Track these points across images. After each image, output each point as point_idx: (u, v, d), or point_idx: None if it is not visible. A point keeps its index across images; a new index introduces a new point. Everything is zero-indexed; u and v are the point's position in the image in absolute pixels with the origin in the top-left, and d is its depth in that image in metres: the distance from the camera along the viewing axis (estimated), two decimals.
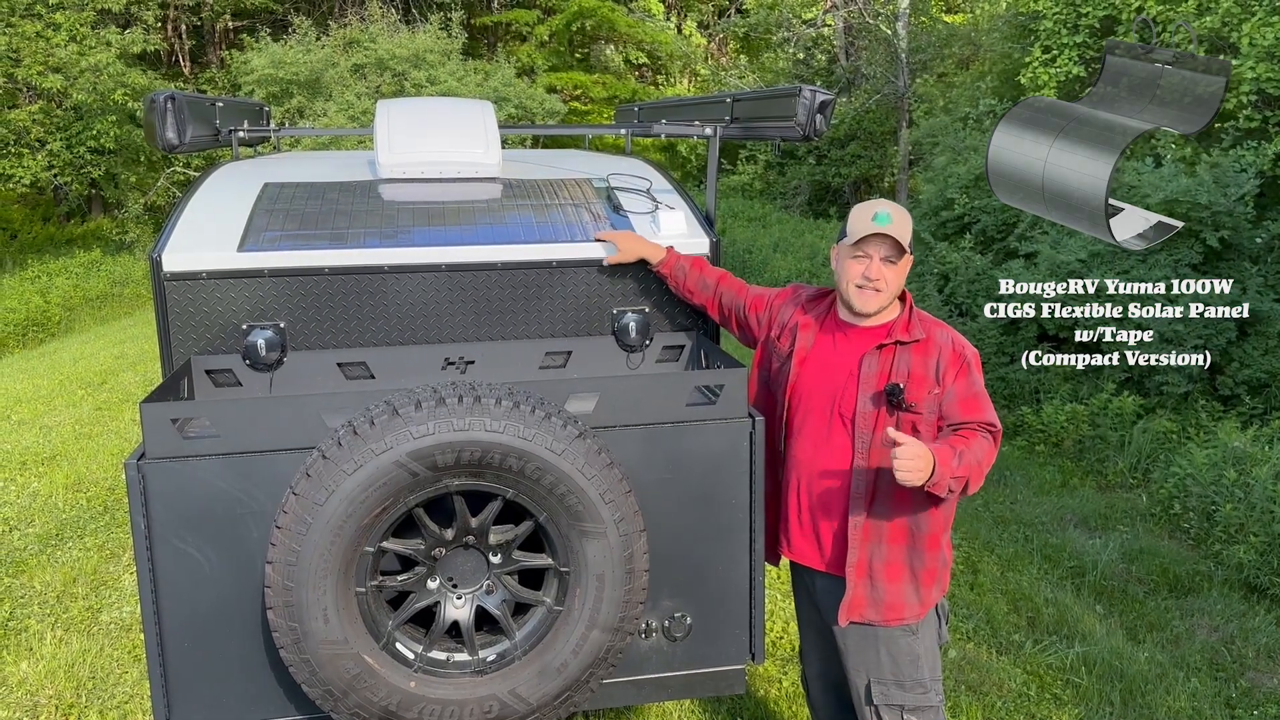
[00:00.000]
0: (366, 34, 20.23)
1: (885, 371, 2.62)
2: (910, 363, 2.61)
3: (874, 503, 2.64)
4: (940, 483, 2.40)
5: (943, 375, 2.59)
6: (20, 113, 15.29)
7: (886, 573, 2.66)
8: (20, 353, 11.85)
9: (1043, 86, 10.85)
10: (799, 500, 2.77)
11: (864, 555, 2.66)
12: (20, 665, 4.34)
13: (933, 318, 2.72)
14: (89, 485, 6.68)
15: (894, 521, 2.64)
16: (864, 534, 2.65)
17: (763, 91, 3.20)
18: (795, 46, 22.89)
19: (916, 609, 2.69)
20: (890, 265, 2.62)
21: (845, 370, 2.68)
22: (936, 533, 2.67)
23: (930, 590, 2.70)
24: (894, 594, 2.67)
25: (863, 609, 2.68)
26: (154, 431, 2.30)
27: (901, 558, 2.66)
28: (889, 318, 2.70)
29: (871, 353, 2.65)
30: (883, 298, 2.64)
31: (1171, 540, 5.70)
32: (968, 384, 2.59)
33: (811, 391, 2.73)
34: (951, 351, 2.61)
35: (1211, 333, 7.01)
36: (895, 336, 2.63)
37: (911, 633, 2.70)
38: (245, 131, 3.78)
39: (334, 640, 2.27)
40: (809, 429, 2.73)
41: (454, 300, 2.97)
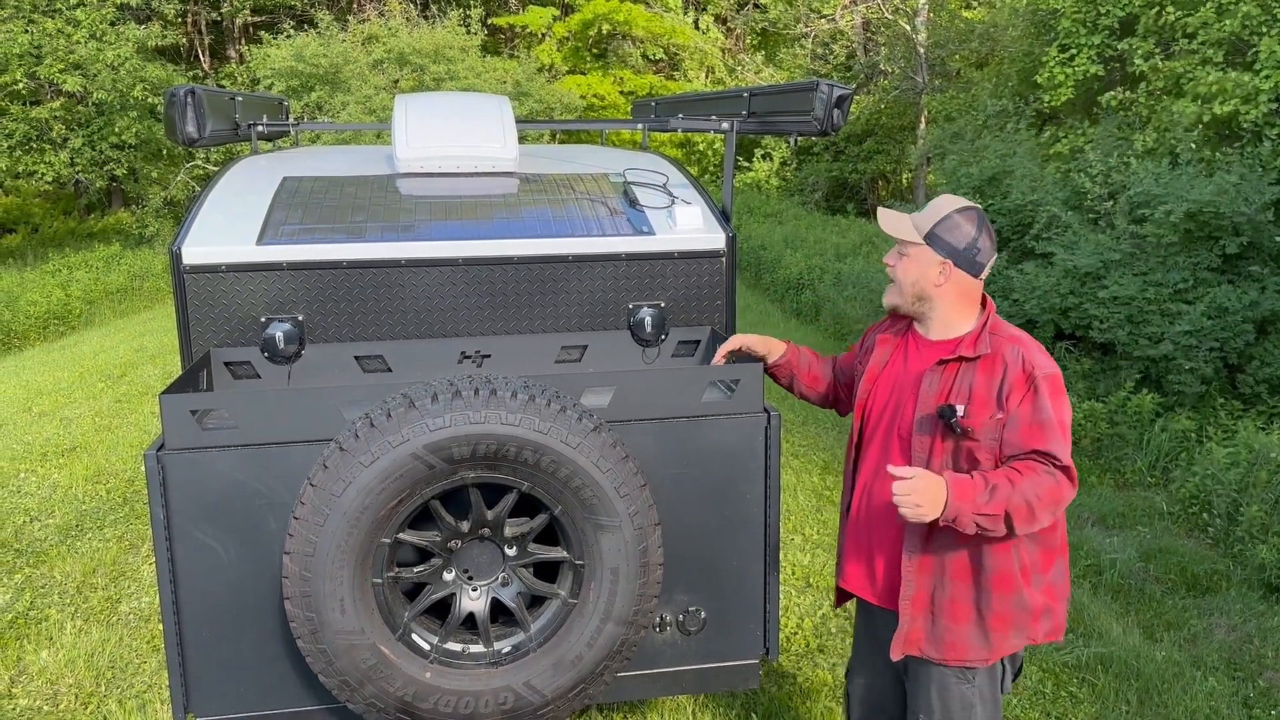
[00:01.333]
0: (386, 29, 20.30)
1: (945, 390, 2.39)
2: (974, 382, 2.35)
3: (933, 534, 2.40)
4: (961, 519, 2.21)
5: (1006, 398, 2.32)
6: (42, 109, 15.41)
7: (949, 610, 2.44)
8: (41, 345, 11.96)
9: (1060, 85, 10.78)
10: (858, 527, 2.61)
11: (923, 590, 2.45)
12: (41, 654, 4.39)
13: (1014, 331, 2.44)
14: (109, 477, 6.73)
15: (956, 557, 2.41)
16: (920, 567, 2.44)
17: (780, 86, 3.20)
18: (813, 42, 22.83)
19: (984, 653, 2.45)
20: (902, 256, 2.50)
21: (908, 387, 2.48)
22: (1008, 572, 2.39)
23: (1003, 636, 2.44)
24: (957, 634, 2.45)
25: (920, 643, 2.49)
26: (173, 423, 2.32)
27: (966, 596, 2.43)
28: (962, 330, 2.46)
29: (933, 369, 2.42)
30: (894, 291, 2.52)
31: (1190, 539, 5.67)
32: (1033, 409, 2.29)
33: (879, 411, 2.56)
34: (1019, 371, 2.32)
35: (1229, 334, 6.96)
36: (960, 351, 2.40)
37: (967, 679, 2.48)
38: (264, 126, 3.81)
39: (350, 631, 2.28)
40: (873, 450, 2.56)
41: (470, 294, 2.98)
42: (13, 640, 4.52)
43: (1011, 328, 2.45)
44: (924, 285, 2.47)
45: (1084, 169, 8.90)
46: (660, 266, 3.07)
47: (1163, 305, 7.24)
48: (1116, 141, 9.61)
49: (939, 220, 2.44)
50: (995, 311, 2.47)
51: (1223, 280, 7.31)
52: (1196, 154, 8.29)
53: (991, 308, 2.48)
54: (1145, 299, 7.30)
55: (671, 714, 3.82)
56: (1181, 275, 7.33)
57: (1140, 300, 7.32)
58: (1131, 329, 7.33)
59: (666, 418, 2.57)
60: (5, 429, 7.95)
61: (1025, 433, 2.28)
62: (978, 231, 2.44)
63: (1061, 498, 2.25)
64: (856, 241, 15.05)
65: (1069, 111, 11.49)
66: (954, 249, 2.43)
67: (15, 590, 5.04)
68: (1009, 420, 2.30)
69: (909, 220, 2.49)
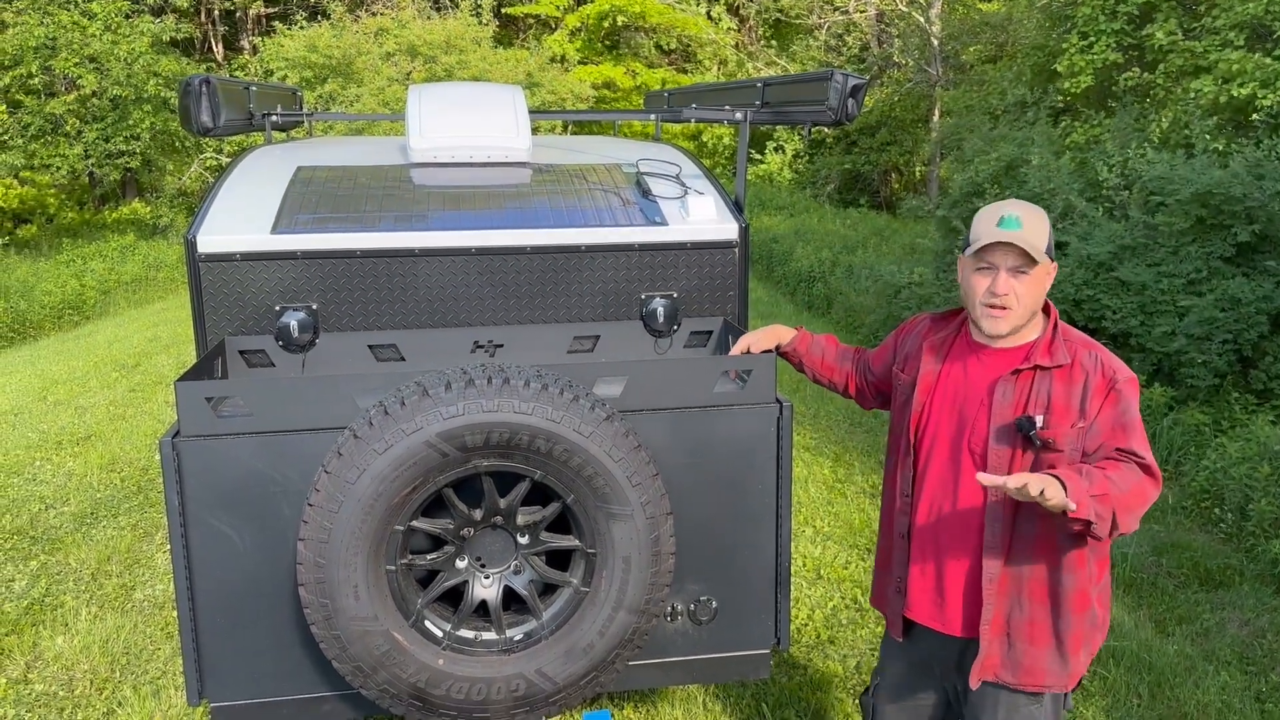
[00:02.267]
0: (397, 21, 20.32)
1: (1021, 401, 2.27)
2: (1052, 391, 2.25)
3: (1012, 553, 2.31)
4: (1083, 503, 2.02)
5: (1088, 405, 2.23)
6: (57, 102, 15.47)
7: (1028, 633, 2.35)
8: (56, 335, 12.03)
9: (1079, 73, 10.72)
10: (924, 549, 2.45)
11: (1000, 613, 2.35)
12: (56, 640, 4.43)
13: (1083, 336, 2.35)
14: (123, 465, 6.78)
15: (1035, 577, 2.32)
16: (1000, 588, 2.33)
17: (794, 76, 3.19)
18: (826, 34, 22.75)
19: (1062, 678, 2.37)
20: (1021, 276, 2.25)
21: (976, 399, 2.34)
22: (1084, 588, 2.32)
23: (1078, 657, 2.37)
24: (1034, 658, 2.35)
25: (997, 670, 2.39)
26: (189, 410, 2.34)
27: (1045, 619, 2.34)
28: (1029, 337, 2.34)
29: (1006, 378, 2.30)
30: (1014, 316, 2.27)
31: (1203, 534, 5.64)
32: (1117, 413, 2.21)
33: (940, 424, 2.41)
34: (1100, 377, 2.24)
35: (1242, 326, 6.91)
36: (1035, 360, 2.28)
37: (1037, 701, 2.40)
38: (279, 116, 3.82)
39: (364, 617, 2.30)
40: (935, 467, 2.41)
41: (483, 284, 2.99)
42: (29, 626, 4.56)
43: (1077, 332, 2.37)
44: (1042, 298, 2.33)
45: (1100, 158, 8.85)
46: (673, 257, 3.07)
47: (1175, 296, 7.19)
48: (1133, 133, 9.56)
49: (1050, 231, 2.30)
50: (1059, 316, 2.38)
51: (1236, 272, 7.27)
52: (1211, 143, 8.23)
53: (1056, 313, 2.37)
54: (1159, 289, 7.26)
55: (682, 703, 3.83)
56: (1194, 265, 7.28)
57: (1154, 290, 7.28)
58: (1144, 319, 7.29)
59: (679, 408, 2.57)
60: (21, 417, 8.01)
61: (1109, 434, 2.21)
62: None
63: (1149, 495, 2.17)
64: (867, 234, 15.02)
65: (1085, 103, 11.43)
66: (1054, 251, 2.32)
67: (31, 577, 5.08)
68: (1090, 427, 2.23)
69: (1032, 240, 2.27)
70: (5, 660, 4.27)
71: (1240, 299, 6.92)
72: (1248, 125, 8.68)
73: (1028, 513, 2.26)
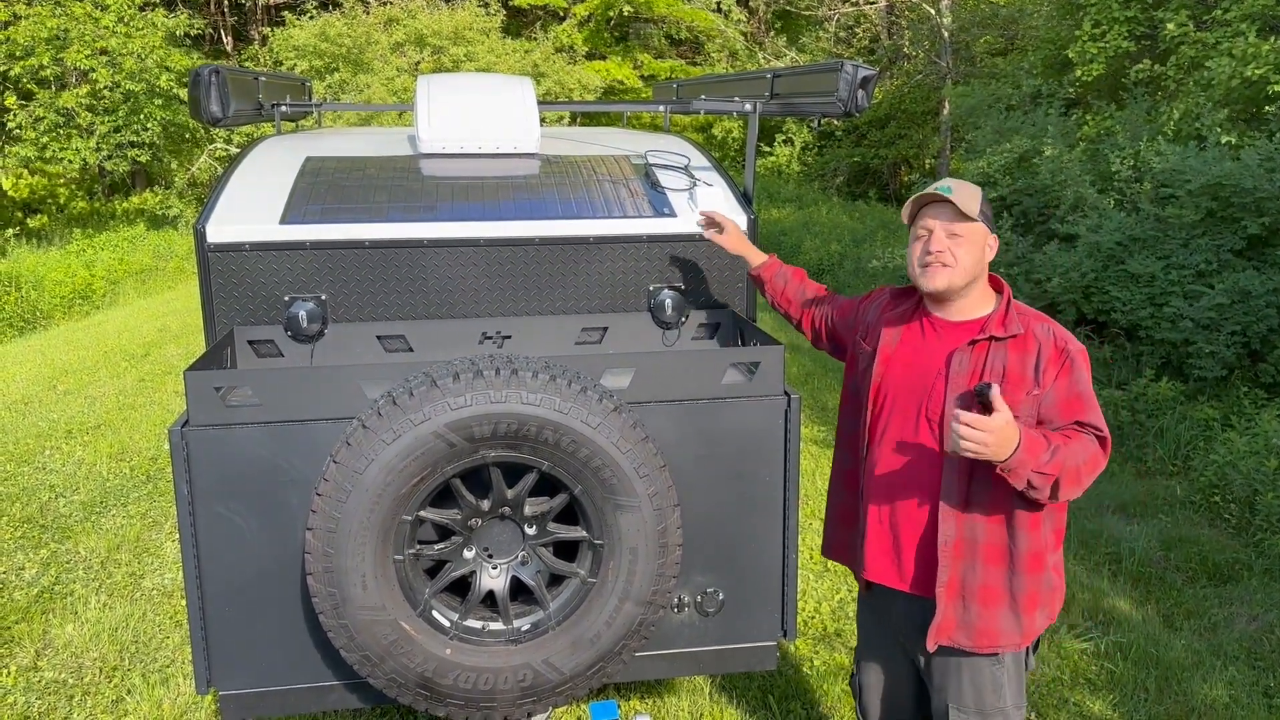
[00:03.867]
0: (406, 11, 20.31)
1: (977, 370, 2.37)
2: (1006, 360, 2.36)
3: (966, 515, 2.40)
4: (1018, 471, 2.16)
5: (1043, 374, 2.33)
6: (68, 95, 15.49)
7: (981, 595, 2.42)
8: (65, 324, 12.07)
9: (1091, 60, 10.67)
10: (879, 512, 2.54)
11: (955, 574, 2.42)
12: (66, 628, 4.45)
13: (1035, 311, 2.46)
14: (132, 454, 6.81)
15: (990, 539, 2.40)
16: (955, 551, 2.41)
17: (804, 67, 3.18)
18: (836, 25, 22.66)
19: (1016, 638, 2.45)
20: (956, 238, 2.38)
21: (933, 369, 2.44)
22: (1039, 551, 2.41)
23: (1033, 618, 2.44)
24: (989, 619, 2.43)
25: (951, 632, 2.46)
26: (198, 399, 2.35)
27: (999, 580, 2.41)
28: (983, 311, 2.45)
29: (962, 349, 2.40)
30: (952, 274, 2.38)
31: (1211, 528, 5.63)
32: (1070, 382, 2.32)
33: (897, 392, 2.50)
34: (1053, 347, 2.34)
35: (1252, 318, 6.88)
36: (989, 332, 2.38)
37: (999, 661, 2.48)
38: (288, 106, 3.82)
39: (372, 606, 2.31)
40: (892, 433, 2.51)
41: (492, 275, 2.99)
42: (38, 614, 4.59)
43: (1031, 308, 2.47)
44: (983, 264, 2.45)
45: (1112, 150, 8.81)
46: (681, 249, 3.07)
47: (1185, 287, 7.16)
48: (1144, 125, 9.51)
49: (981, 198, 2.43)
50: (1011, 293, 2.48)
51: (1247, 265, 7.23)
52: (1224, 135, 8.19)
53: (1009, 289, 2.48)
54: (1168, 280, 7.23)
55: (689, 695, 3.84)
56: (1204, 257, 7.25)
57: (1163, 281, 7.25)
58: (1154, 310, 7.27)
59: (686, 399, 2.57)
60: (30, 406, 8.04)
61: (1064, 405, 2.31)
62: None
63: (1099, 466, 2.29)
64: (875, 227, 14.98)
65: (1097, 94, 11.38)
66: (992, 223, 2.46)
67: (41, 565, 5.11)
68: (1045, 395, 2.32)
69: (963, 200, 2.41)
70: (15, 647, 4.30)
71: (1250, 291, 6.89)
72: (1260, 117, 8.63)
73: (983, 476, 2.34)
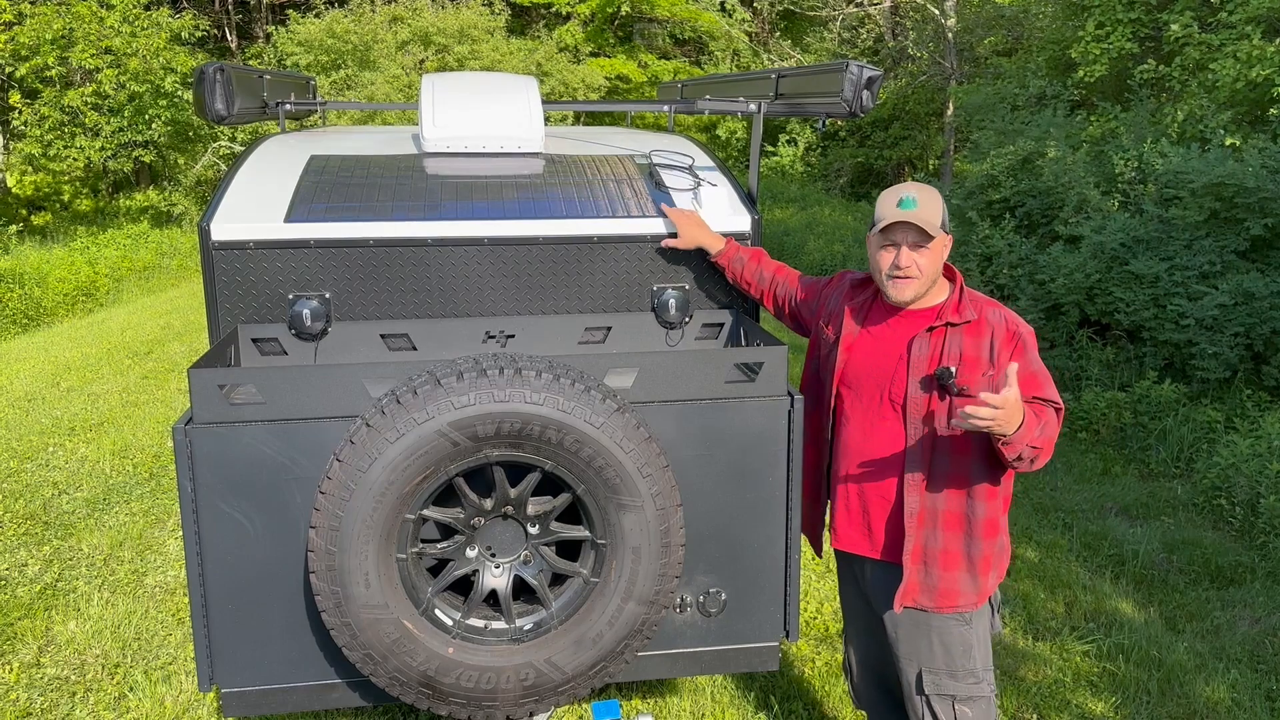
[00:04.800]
0: (410, 10, 20.32)
1: (936, 355, 2.55)
2: (962, 345, 2.53)
3: (928, 488, 2.59)
4: (1015, 445, 2.34)
5: (997, 356, 2.50)
6: (74, 94, 15.50)
7: (942, 560, 2.60)
8: (69, 321, 12.08)
9: (1094, 61, 10.66)
10: (848, 488, 2.73)
11: (919, 541, 2.61)
12: (68, 625, 4.46)
13: (985, 297, 2.63)
14: (135, 452, 6.81)
15: (949, 508, 2.59)
16: (919, 520, 2.60)
17: (808, 68, 3.17)
18: (840, 26, 22.65)
19: (973, 597, 2.63)
20: (921, 250, 2.53)
21: (895, 354, 2.61)
22: (994, 518, 2.60)
23: (987, 578, 2.63)
24: (949, 581, 2.61)
25: (916, 594, 2.64)
26: (202, 397, 2.35)
27: (958, 545, 2.60)
28: (938, 299, 2.62)
29: (921, 335, 2.57)
30: (917, 285, 2.56)
31: (1214, 531, 5.62)
32: (1025, 362, 2.49)
33: (860, 377, 2.67)
34: (1006, 330, 2.53)
35: (1255, 320, 6.87)
36: (945, 318, 2.56)
37: (965, 622, 2.65)
38: (292, 104, 3.82)
39: (375, 605, 2.31)
40: (858, 415, 2.68)
41: (495, 274, 2.99)
42: (41, 611, 4.60)
43: (982, 295, 2.63)
44: (940, 264, 2.60)
45: (1116, 151, 8.81)
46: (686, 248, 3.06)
47: (1189, 288, 7.15)
48: (1148, 126, 9.51)
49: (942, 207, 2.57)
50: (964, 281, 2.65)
51: (1250, 267, 7.22)
52: (1227, 138, 8.18)
53: (960, 277, 2.64)
54: (1172, 281, 7.22)
55: (690, 694, 3.84)
56: (1207, 258, 7.24)
57: (1166, 283, 7.24)
58: (1156, 311, 7.26)
59: (689, 400, 2.57)
60: (34, 403, 8.05)
61: (1025, 383, 2.45)
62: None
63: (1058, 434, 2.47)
64: None
65: (1101, 95, 11.37)
66: (948, 224, 2.61)
67: (44, 562, 5.11)
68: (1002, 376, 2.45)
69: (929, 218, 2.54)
70: (18, 644, 4.31)
71: (1254, 293, 6.88)
72: (1264, 119, 8.62)
73: (942, 451, 2.54)
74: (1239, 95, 8.77)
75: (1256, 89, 8.60)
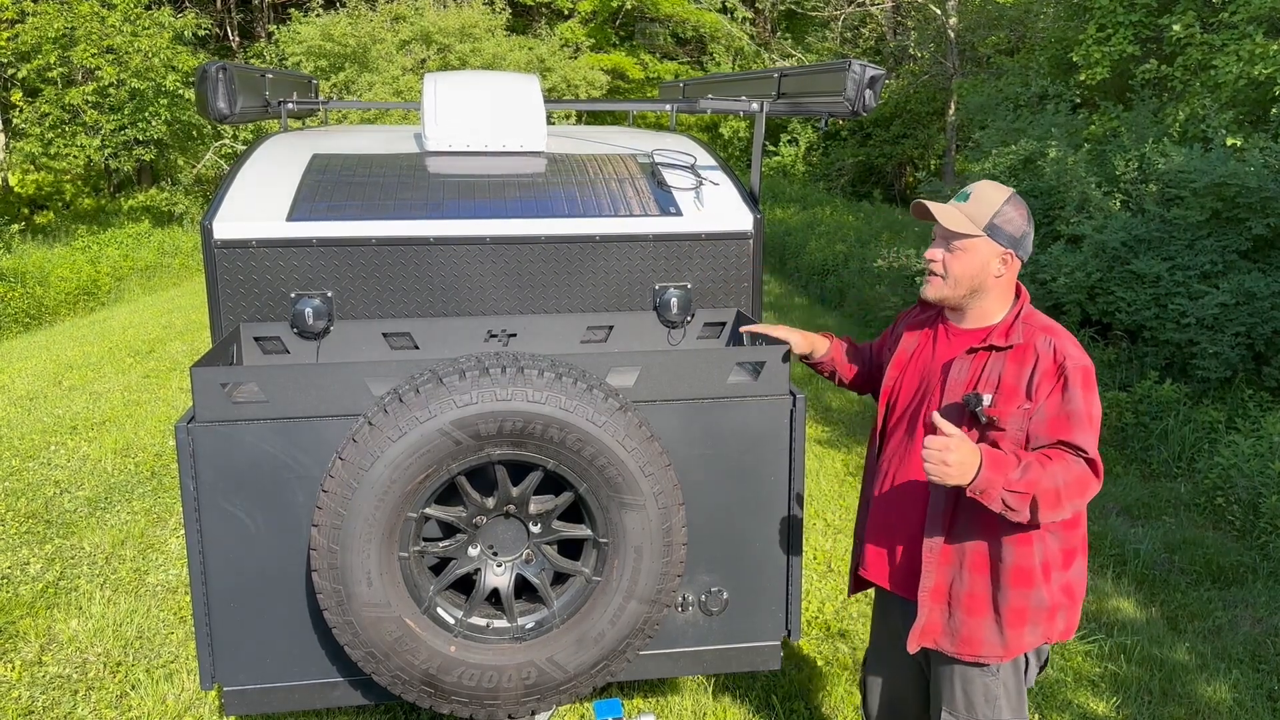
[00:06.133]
0: (413, 9, 20.33)
1: (973, 379, 2.35)
2: (1003, 371, 2.31)
3: (954, 524, 2.38)
4: (989, 492, 2.12)
5: (1035, 388, 2.27)
6: (75, 92, 15.51)
7: (966, 603, 2.40)
8: (71, 320, 12.09)
9: (1096, 64, 10.66)
10: (878, 517, 2.59)
11: (942, 581, 2.42)
12: (70, 624, 4.46)
13: (1047, 322, 2.39)
14: (137, 451, 6.82)
15: (976, 549, 2.37)
16: (941, 558, 2.41)
17: (811, 67, 3.17)
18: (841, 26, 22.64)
19: (998, 650, 2.41)
20: (951, 249, 2.37)
21: (935, 375, 2.46)
22: (1027, 566, 2.34)
23: (1019, 633, 2.39)
24: (972, 628, 2.41)
25: (936, 636, 2.46)
26: (204, 395, 2.35)
27: (984, 591, 2.39)
28: (994, 319, 2.42)
29: (961, 357, 2.40)
30: (941, 285, 2.40)
31: (1216, 531, 5.62)
32: (1062, 401, 2.24)
33: (905, 398, 2.54)
34: (1050, 362, 2.27)
35: (1256, 320, 6.86)
36: (991, 341, 2.36)
37: (991, 672, 2.45)
38: (294, 104, 3.82)
39: (377, 603, 2.31)
40: (896, 438, 2.55)
41: (497, 273, 2.99)
42: (43, 609, 4.60)
43: (1044, 317, 2.40)
44: (984, 277, 2.38)
45: (1118, 151, 8.81)
46: (687, 248, 3.07)
47: (1190, 288, 7.15)
48: (1150, 126, 9.50)
49: (996, 211, 2.36)
50: (1029, 300, 2.42)
51: (1252, 267, 7.22)
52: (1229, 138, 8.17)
53: (1025, 297, 2.43)
54: (1173, 281, 7.22)
55: (692, 693, 3.84)
56: (1209, 258, 7.24)
57: (1168, 282, 7.23)
58: (1158, 311, 7.25)
59: (692, 399, 2.57)
60: (36, 402, 8.06)
61: (1052, 423, 2.23)
62: (1027, 219, 2.39)
63: (1087, 490, 2.20)
64: (880, 227, 14.97)
65: (1103, 95, 11.36)
66: (1014, 239, 2.37)
67: (45, 560, 5.12)
68: (1036, 411, 2.25)
69: (962, 213, 2.38)
70: (20, 642, 4.31)
71: (1255, 293, 6.87)
72: (1266, 119, 8.62)
73: None
74: (1241, 94, 8.77)
75: (1259, 88, 8.60)
